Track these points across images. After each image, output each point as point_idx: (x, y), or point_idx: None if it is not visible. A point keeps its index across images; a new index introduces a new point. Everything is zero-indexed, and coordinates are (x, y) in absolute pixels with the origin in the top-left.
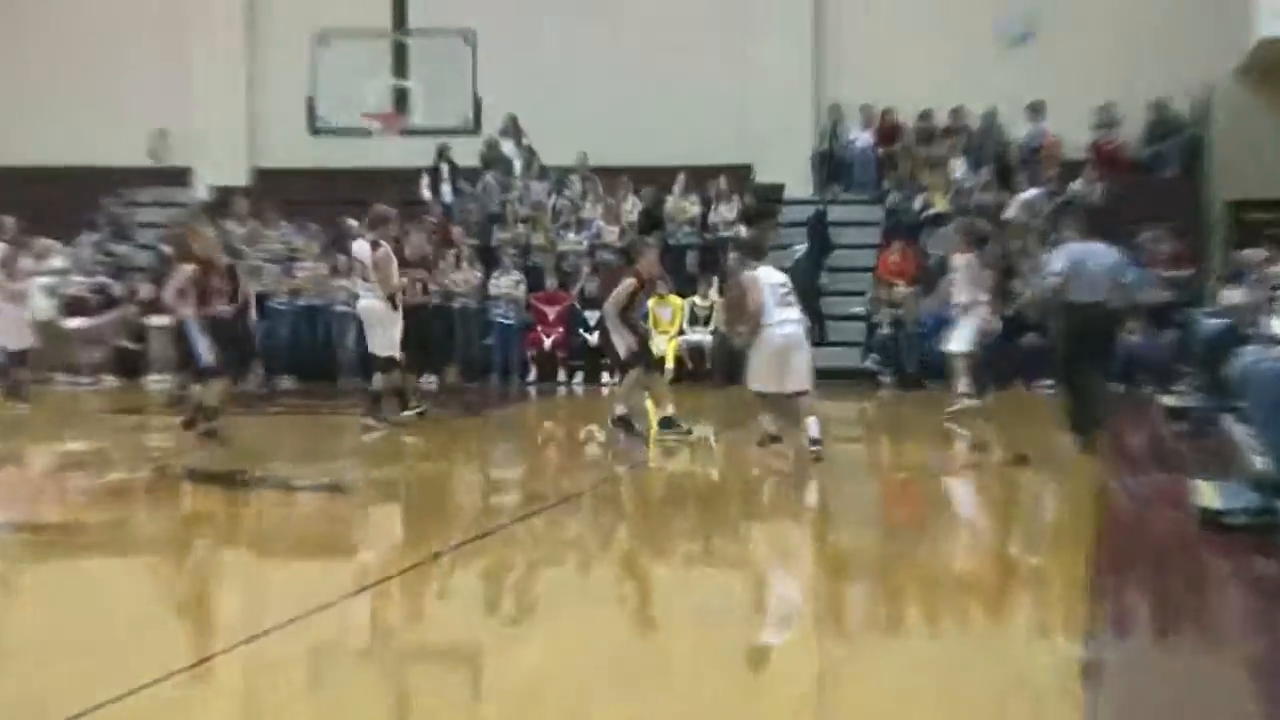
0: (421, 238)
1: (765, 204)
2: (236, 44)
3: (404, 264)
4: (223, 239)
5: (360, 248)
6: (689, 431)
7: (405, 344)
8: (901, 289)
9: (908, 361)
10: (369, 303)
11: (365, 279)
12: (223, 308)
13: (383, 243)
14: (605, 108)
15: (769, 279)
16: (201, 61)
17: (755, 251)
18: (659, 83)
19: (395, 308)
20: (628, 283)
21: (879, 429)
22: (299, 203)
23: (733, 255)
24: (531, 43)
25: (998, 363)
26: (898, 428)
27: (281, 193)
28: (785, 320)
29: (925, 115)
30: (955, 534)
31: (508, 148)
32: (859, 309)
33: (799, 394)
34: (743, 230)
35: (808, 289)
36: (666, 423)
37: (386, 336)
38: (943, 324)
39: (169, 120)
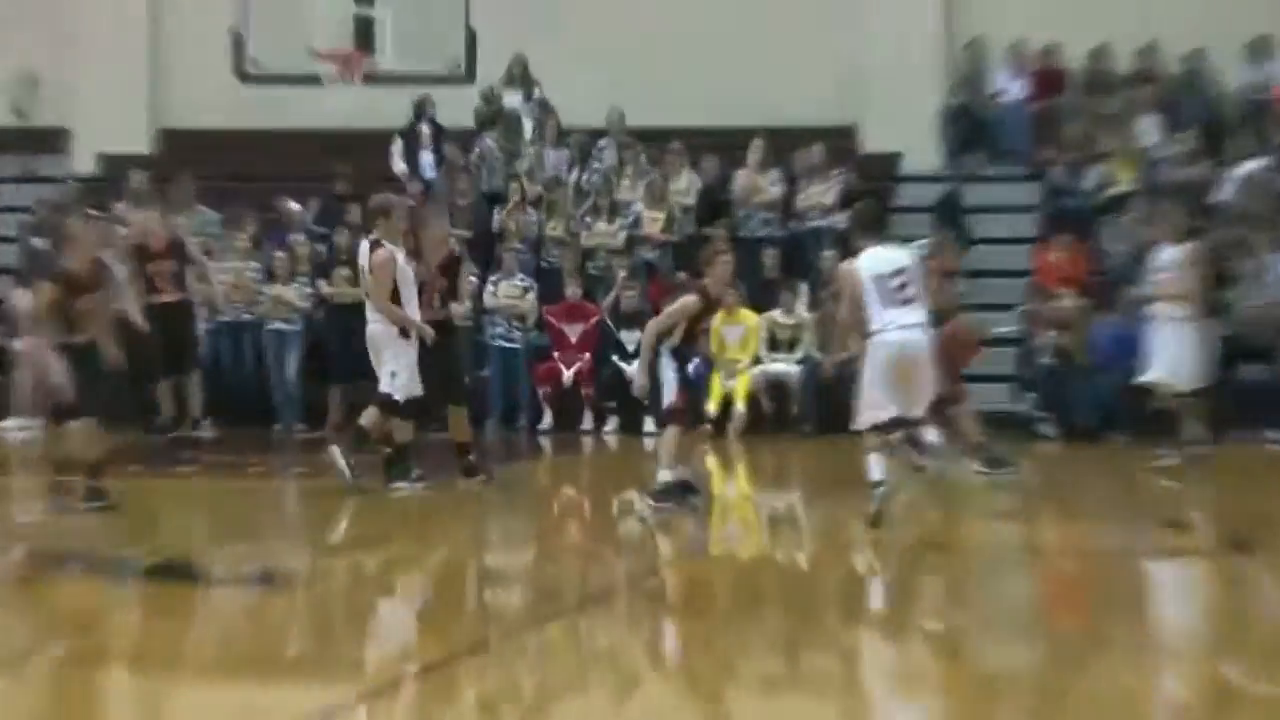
0: (443, 231)
1: (877, 183)
2: None
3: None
4: (107, 233)
5: (362, 249)
6: (694, 500)
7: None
8: (1069, 301)
9: (1079, 403)
10: (372, 327)
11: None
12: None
13: (386, 243)
14: (649, 48)
15: (875, 267)
16: None
17: (867, 226)
18: (724, 12)
19: (405, 333)
20: (686, 301)
21: (1038, 499)
22: (221, 178)
23: (828, 254)
24: None
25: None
26: (1064, 496)
27: (197, 164)
28: (900, 324)
29: (1100, 55)
30: (1143, 653)
31: (513, 102)
32: (1008, 329)
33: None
34: (840, 220)
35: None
36: (664, 493)
37: (394, 371)
38: (1126, 348)
39: (39, 62)
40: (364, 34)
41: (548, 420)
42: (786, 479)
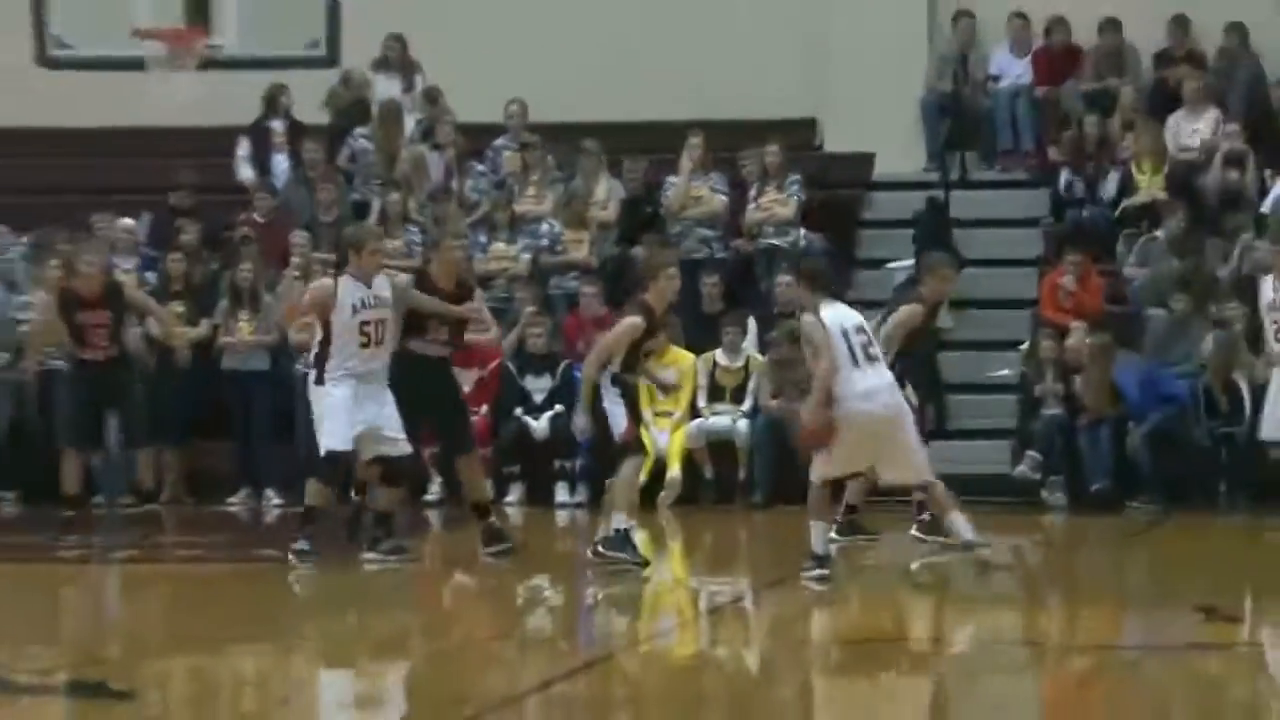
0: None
1: (839, 190)
2: None
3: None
4: None
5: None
6: (645, 563)
7: None
8: (1081, 335)
9: (1094, 465)
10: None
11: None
12: None
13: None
14: (557, 26)
15: (841, 321)
16: None
17: (819, 285)
18: None
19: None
20: (629, 323)
21: (1041, 582)
22: (20, 189)
23: (784, 280)
24: None
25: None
26: (1073, 578)
27: None
28: (871, 388)
29: (1110, 28)
30: None
31: (388, 91)
32: (1007, 372)
33: (918, 488)
34: (803, 235)
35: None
36: (619, 541)
37: (319, 422)
38: (1154, 394)
39: None
40: (200, 7)
41: (435, 489)
42: (731, 562)
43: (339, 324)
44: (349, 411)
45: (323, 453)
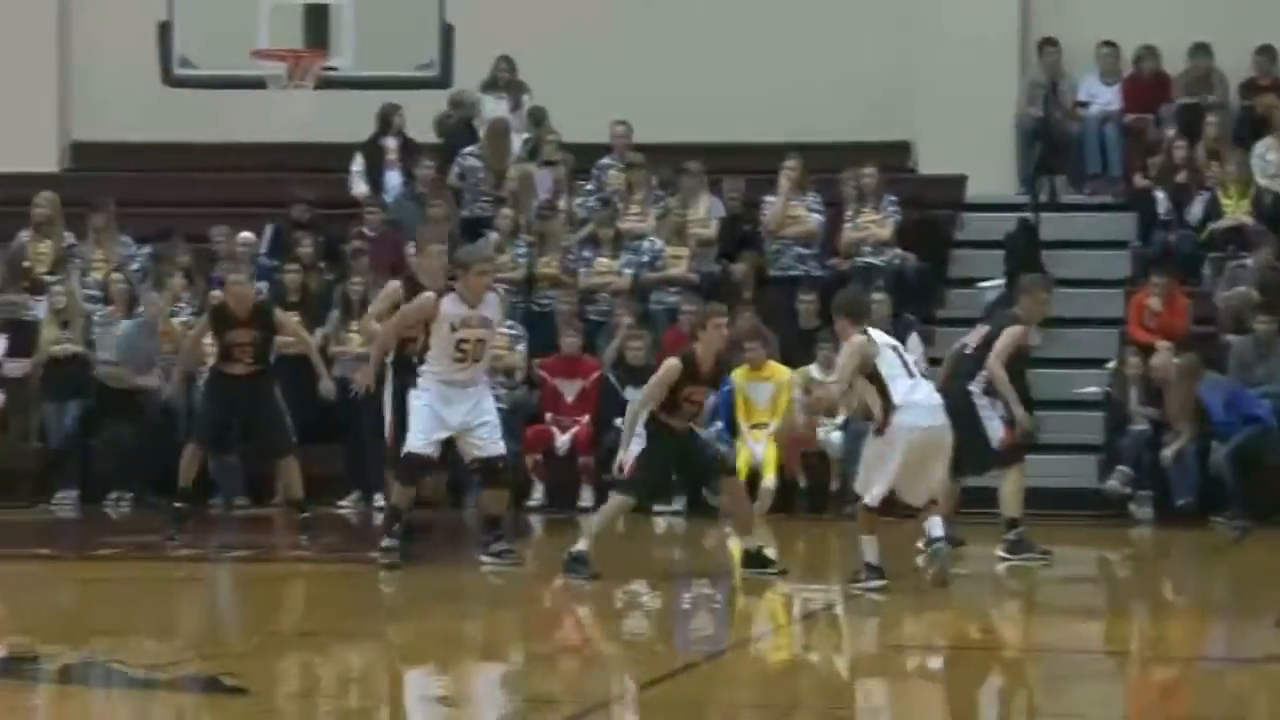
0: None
1: (936, 211)
2: None
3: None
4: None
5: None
6: (783, 571)
7: None
8: (1167, 354)
9: (1179, 481)
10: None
11: None
12: None
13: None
14: (661, 49)
15: (886, 340)
16: None
17: (857, 315)
18: (751, 6)
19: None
20: (667, 367)
21: (1126, 594)
22: (142, 203)
23: (879, 297)
24: None
25: None
26: (1158, 590)
27: (117, 185)
28: (926, 399)
29: (1200, 53)
30: None
31: (496, 111)
32: (1094, 389)
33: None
34: (900, 255)
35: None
36: (756, 559)
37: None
38: (1240, 413)
39: None
40: (318, 29)
41: (538, 495)
42: (823, 569)
43: (437, 338)
44: (435, 417)
45: (403, 454)
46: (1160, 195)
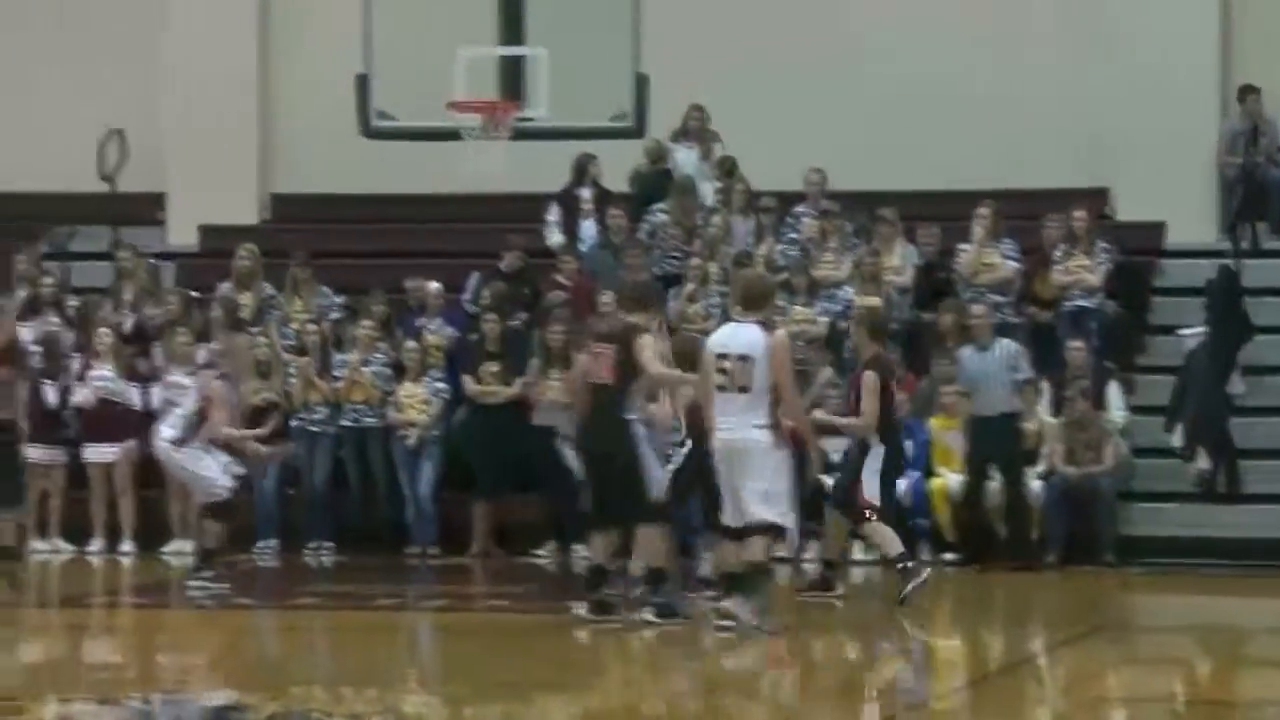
0: None
1: (1135, 257)
2: None
3: None
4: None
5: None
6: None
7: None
8: None
9: None
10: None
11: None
12: None
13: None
14: (854, 97)
15: None
16: (184, 12)
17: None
18: (944, 54)
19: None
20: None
21: None
22: (340, 254)
23: (1076, 344)
24: None
25: None
26: None
27: (315, 236)
28: None
29: None
30: None
31: (687, 161)
32: None
33: None
34: (1104, 302)
35: (1209, 400)
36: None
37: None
38: None
39: (128, 117)
40: (513, 80)
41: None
42: (1024, 620)
43: None
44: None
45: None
46: None
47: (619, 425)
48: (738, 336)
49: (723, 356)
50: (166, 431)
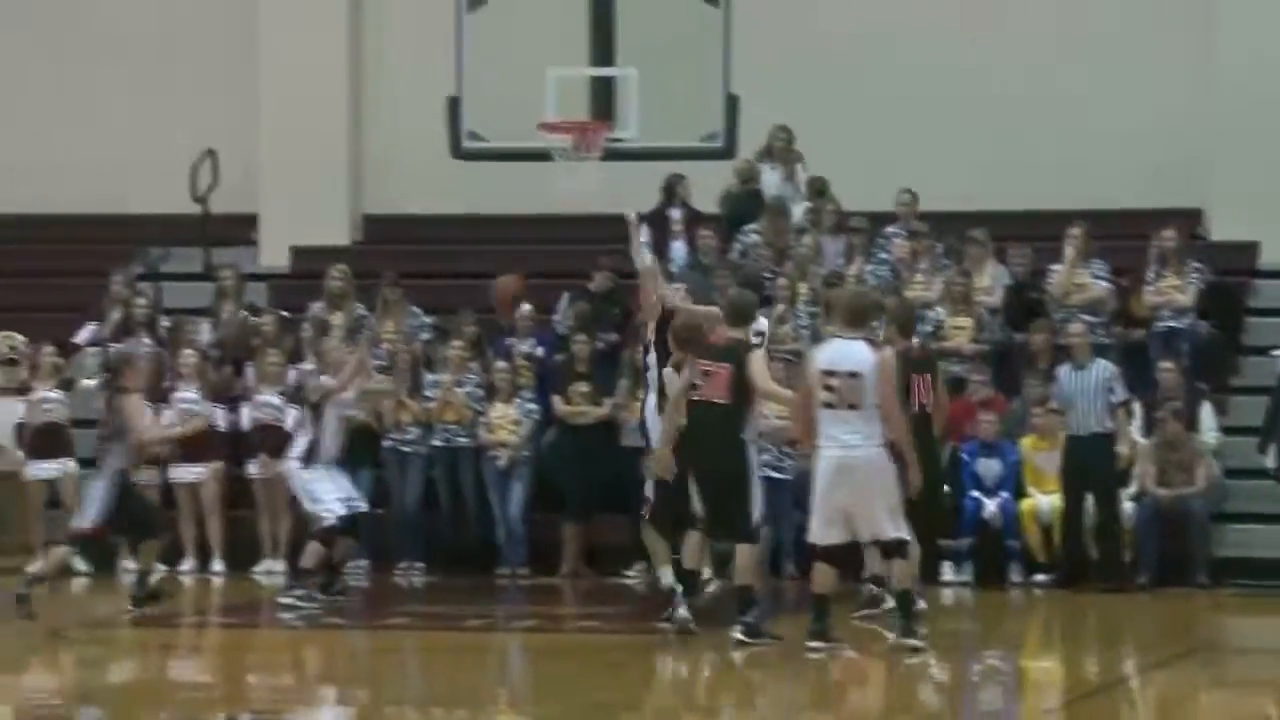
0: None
1: (1228, 277)
2: (333, 6)
3: None
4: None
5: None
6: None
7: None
8: None
9: None
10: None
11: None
12: None
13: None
14: (944, 117)
15: None
16: (277, 37)
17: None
18: (1033, 73)
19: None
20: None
21: None
22: (432, 276)
23: (1167, 365)
24: (820, 9)
25: None
26: None
27: (406, 258)
28: None
29: None
30: None
31: (771, 181)
32: None
33: None
34: (1196, 322)
35: None
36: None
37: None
38: None
39: (219, 138)
40: (603, 101)
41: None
42: (1117, 642)
43: None
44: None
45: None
46: None
47: (737, 444)
48: (846, 354)
49: (830, 374)
50: (296, 450)
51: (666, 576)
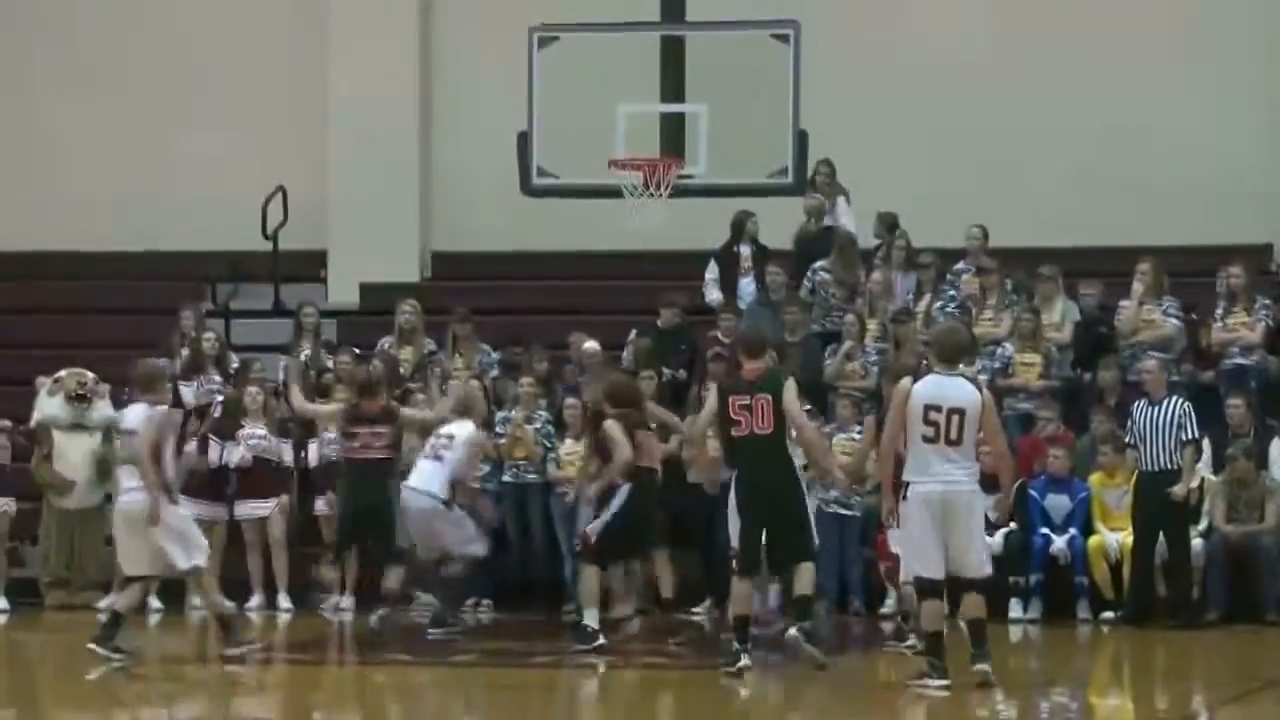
0: None
1: None
2: (402, 42)
3: None
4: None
5: None
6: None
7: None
8: None
9: None
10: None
11: None
12: None
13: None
14: (1015, 153)
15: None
16: (346, 74)
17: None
18: (1104, 108)
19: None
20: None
21: None
22: (500, 312)
23: (1236, 402)
24: (890, 44)
25: None
26: None
27: (474, 294)
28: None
29: None
30: None
31: (846, 217)
32: None
33: None
34: (1265, 359)
35: None
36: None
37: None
38: None
39: (290, 175)
40: (674, 137)
41: (891, 603)
42: (1185, 679)
43: None
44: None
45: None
46: None
47: (790, 471)
48: (950, 390)
49: (933, 409)
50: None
51: (592, 618)
